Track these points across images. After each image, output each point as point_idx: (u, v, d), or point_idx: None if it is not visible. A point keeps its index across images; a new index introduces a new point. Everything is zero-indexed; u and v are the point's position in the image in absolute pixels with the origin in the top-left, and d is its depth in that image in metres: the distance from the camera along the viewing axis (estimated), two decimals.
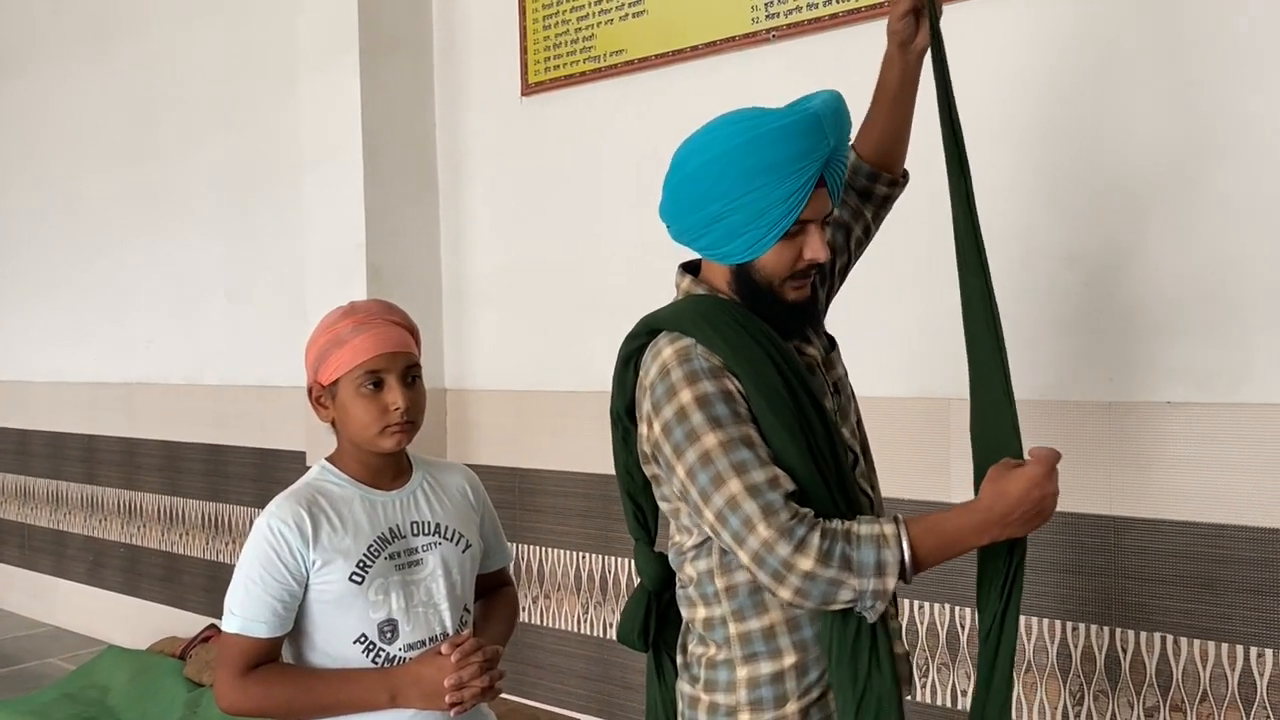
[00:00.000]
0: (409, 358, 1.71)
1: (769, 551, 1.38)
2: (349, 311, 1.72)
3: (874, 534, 1.40)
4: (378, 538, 1.69)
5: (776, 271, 1.51)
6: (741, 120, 1.51)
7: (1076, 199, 2.41)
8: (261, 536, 1.64)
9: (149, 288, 4.93)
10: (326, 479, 1.73)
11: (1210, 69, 2.24)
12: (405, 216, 3.65)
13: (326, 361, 1.68)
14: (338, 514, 1.67)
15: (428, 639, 1.69)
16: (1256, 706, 2.20)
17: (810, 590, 1.39)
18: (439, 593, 1.72)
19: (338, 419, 1.71)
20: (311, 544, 1.63)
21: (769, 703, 1.50)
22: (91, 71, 5.22)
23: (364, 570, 1.65)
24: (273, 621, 1.62)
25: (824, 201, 1.51)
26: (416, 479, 1.79)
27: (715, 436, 1.42)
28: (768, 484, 1.40)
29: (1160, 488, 2.30)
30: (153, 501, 4.94)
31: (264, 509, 1.68)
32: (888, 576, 1.39)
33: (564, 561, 3.41)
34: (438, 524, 1.76)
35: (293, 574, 1.63)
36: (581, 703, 3.35)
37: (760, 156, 1.46)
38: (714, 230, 1.51)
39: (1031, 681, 2.49)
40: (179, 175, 4.74)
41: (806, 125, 1.47)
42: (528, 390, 3.49)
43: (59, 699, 3.85)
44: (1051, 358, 2.45)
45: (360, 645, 1.66)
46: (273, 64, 4.21)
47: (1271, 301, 2.18)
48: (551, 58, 3.37)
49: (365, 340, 1.66)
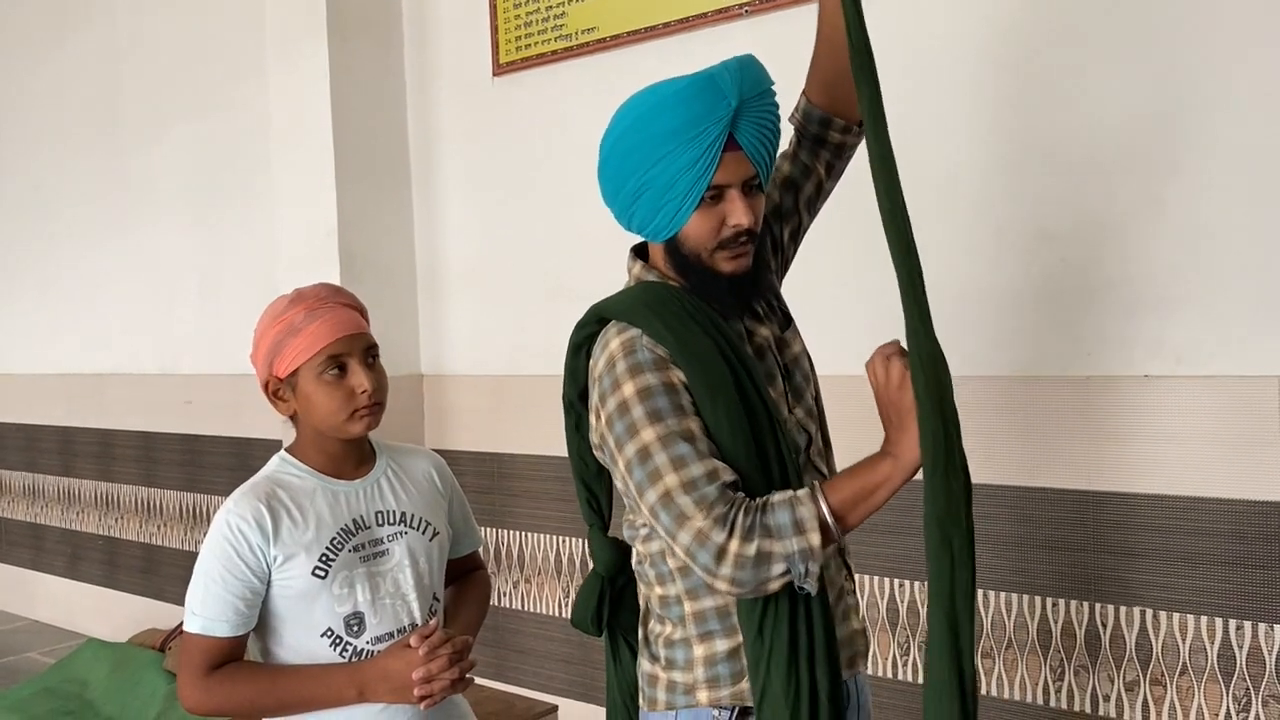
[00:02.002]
0: (367, 338, 1.68)
1: (703, 542, 1.38)
2: (296, 299, 1.66)
3: (786, 497, 1.39)
4: (341, 529, 1.64)
5: (702, 242, 1.49)
6: (642, 93, 1.50)
7: (1050, 174, 2.40)
8: (220, 534, 1.60)
9: (120, 277, 4.88)
10: (286, 471, 1.68)
11: (1184, 41, 2.22)
12: (377, 201, 3.61)
13: (282, 352, 1.63)
14: (298, 507, 1.63)
15: (395, 630, 1.66)
16: (1236, 679, 2.21)
17: (743, 574, 1.37)
18: (406, 583, 1.68)
19: (300, 410, 1.66)
20: (272, 540, 1.59)
21: (725, 680, 1.50)
22: (55, 58, 5.14)
23: (327, 564, 1.62)
24: (235, 620, 1.59)
25: (740, 164, 1.47)
26: (380, 467, 1.75)
27: (654, 430, 1.42)
28: (705, 477, 1.40)
29: (1138, 461, 2.30)
30: (130, 493, 4.90)
31: (223, 505, 1.63)
32: (809, 532, 1.36)
33: (543, 546, 3.40)
34: (403, 513, 1.72)
35: (254, 571, 1.59)
36: (562, 687, 3.34)
37: (658, 125, 1.45)
38: (638, 209, 1.51)
39: (1012, 658, 2.49)
40: (147, 163, 4.68)
41: (700, 86, 1.44)
42: (504, 375, 3.47)
43: (38, 693, 3.81)
44: (1028, 333, 2.44)
45: (327, 639, 1.62)
46: (240, 49, 4.15)
47: (1246, 274, 2.18)
48: (523, 37, 3.33)
49: (321, 326, 1.62)
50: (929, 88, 2.55)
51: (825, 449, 1.65)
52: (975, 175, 2.50)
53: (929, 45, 2.55)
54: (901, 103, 2.57)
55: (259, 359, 1.67)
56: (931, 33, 2.54)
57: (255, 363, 1.68)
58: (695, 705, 1.52)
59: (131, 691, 3.72)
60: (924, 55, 2.55)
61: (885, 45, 2.61)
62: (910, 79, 2.57)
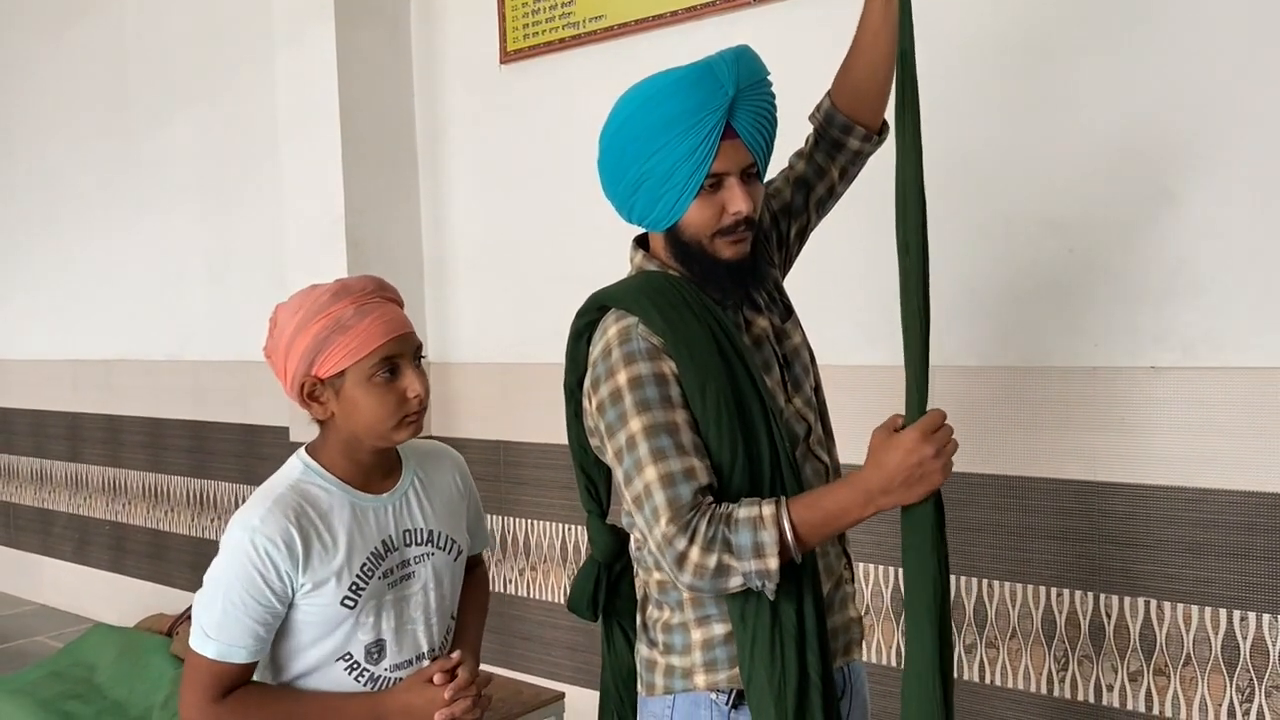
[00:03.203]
0: (416, 338, 1.55)
1: (668, 545, 1.40)
2: (341, 291, 1.49)
3: (751, 516, 1.39)
4: (371, 554, 1.53)
5: (702, 229, 1.50)
6: (639, 85, 1.51)
7: (1059, 164, 2.39)
8: (245, 554, 1.45)
9: (128, 263, 4.89)
10: (312, 481, 1.53)
11: (1195, 36, 2.21)
12: (385, 188, 3.61)
13: (328, 350, 1.46)
14: (328, 528, 1.50)
15: (415, 657, 1.60)
16: (1240, 669, 2.22)
17: (701, 583, 1.40)
18: (430, 607, 1.61)
19: (340, 413, 1.50)
20: (302, 566, 1.46)
21: (723, 663, 1.51)
22: (64, 45, 5.14)
23: (356, 594, 1.51)
24: (253, 646, 1.48)
25: (739, 152, 1.48)
26: (407, 477, 1.63)
27: (641, 420, 1.43)
28: (683, 474, 1.41)
29: (1144, 452, 2.30)
30: (137, 479, 4.92)
31: (243, 516, 1.48)
32: (767, 557, 1.37)
33: (549, 533, 3.41)
34: (430, 531, 1.62)
35: (278, 597, 1.47)
36: (568, 674, 3.35)
37: (656, 114, 1.46)
38: (639, 199, 1.52)
39: (1016, 647, 2.50)
40: (155, 149, 4.68)
41: (697, 75, 1.45)
42: (511, 363, 3.47)
43: (46, 677, 3.83)
44: (1035, 323, 2.44)
45: (344, 663, 1.54)
46: (247, 35, 4.15)
47: (1254, 266, 2.17)
48: (530, 24, 3.33)
49: (374, 324, 1.47)
50: (940, 78, 2.54)
51: (826, 439, 1.65)
52: (984, 165, 2.49)
53: (942, 37, 2.54)
54: None
55: (292, 356, 1.49)
56: (944, 24, 2.53)
57: (283, 359, 1.51)
58: (693, 689, 1.53)
59: (139, 675, 3.74)
60: (937, 47, 2.54)
61: None
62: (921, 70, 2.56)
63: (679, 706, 1.54)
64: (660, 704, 1.56)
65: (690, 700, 1.53)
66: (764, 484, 1.47)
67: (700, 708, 1.53)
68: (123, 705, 3.59)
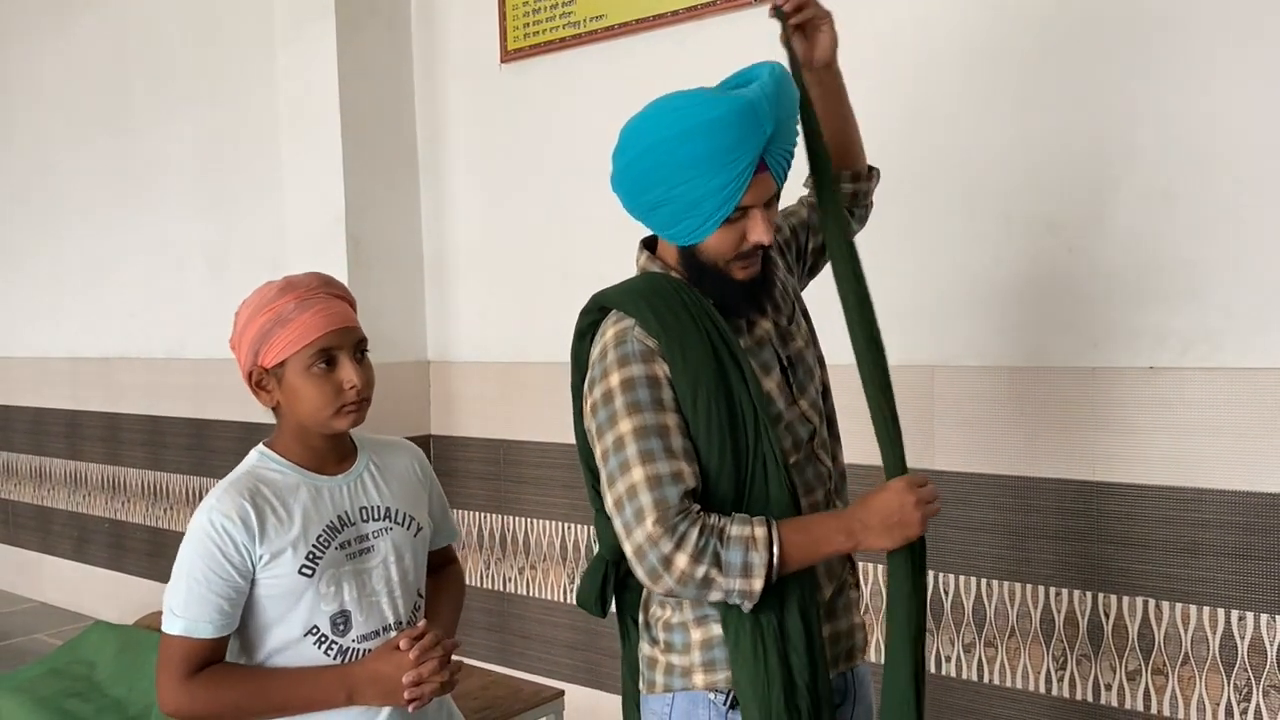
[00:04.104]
0: (357, 332, 1.61)
1: (651, 546, 1.41)
2: (287, 287, 1.59)
3: (744, 535, 1.41)
4: (326, 526, 1.59)
5: (721, 254, 1.51)
6: (676, 110, 1.48)
7: (1059, 164, 2.40)
8: (203, 532, 1.53)
9: (128, 261, 4.89)
10: (267, 466, 1.61)
11: (1194, 36, 2.22)
12: (385, 187, 3.61)
13: (270, 342, 1.56)
14: (283, 504, 1.57)
15: (381, 629, 1.62)
16: (1237, 669, 2.22)
17: (684, 590, 1.42)
18: (392, 580, 1.64)
19: (284, 402, 1.60)
20: (258, 538, 1.53)
21: (721, 664, 1.52)
22: (63, 41, 5.14)
23: (314, 562, 1.56)
24: (219, 621, 1.52)
25: (766, 185, 1.49)
26: (362, 461, 1.69)
27: (630, 422, 1.45)
28: (670, 477, 1.43)
29: (1142, 453, 2.31)
30: (136, 476, 4.92)
31: (203, 503, 1.56)
32: (754, 578, 1.40)
33: (548, 532, 3.41)
34: (387, 508, 1.67)
35: (238, 570, 1.53)
36: (567, 672, 3.36)
37: (692, 149, 1.44)
38: (657, 214, 1.52)
39: (1015, 646, 2.50)
40: (155, 146, 4.68)
41: (739, 115, 1.44)
42: (511, 362, 3.48)
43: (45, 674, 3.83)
44: (1034, 324, 2.45)
45: (312, 637, 1.58)
46: (248, 33, 4.15)
47: (1253, 266, 2.18)
48: (531, 24, 3.33)
49: (313, 317, 1.56)
50: (941, 80, 2.55)
51: (832, 441, 1.66)
52: (984, 165, 2.50)
53: (942, 37, 2.55)
54: (912, 93, 2.58)
55: (243, 347, 1.60)
56: (945, 25, 2.54)
57: (237, 349, 1.62)
58: (691, 688, 1.54)
59: (139, 673, 3.74)
60: (937, 47, 2.55)
61: (900, 36, 2.63)
62: (923, 71, 2.57)
63: (678, 705, 1.55)
64: (660, 702, 1.57)
65: (689, 699, 1.54)
66: (750, 490, 1.48)
67: (699, 706, 1.54)
68: (122, 703, 3.59)
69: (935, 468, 2.58)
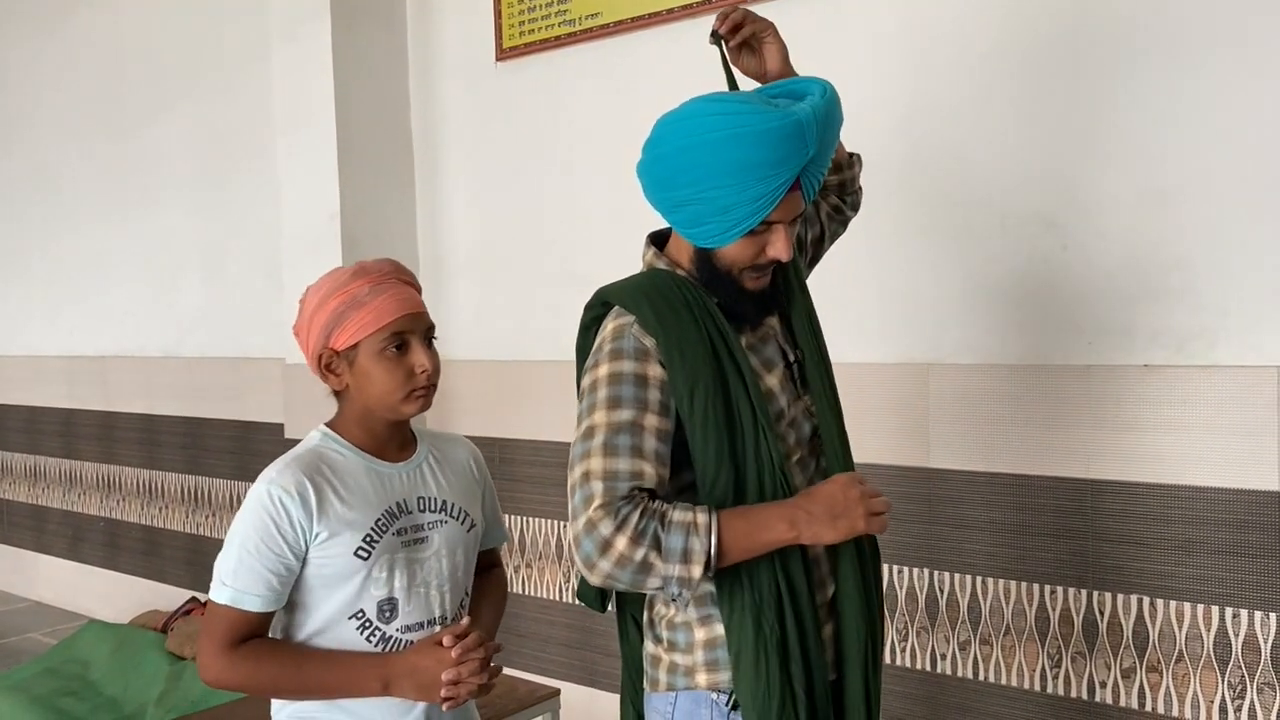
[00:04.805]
0: (428, 318, 1.63)
1: (591, 530, 1.40)
2: (360, 272, 1.59)
3: (685, 521, 1.40)
4: (386, 511, 1.59)
5: (737, 263, 1.51)
6: (726, 113, 1.46)
7: (1053, 163, 2.40)
8: (260, 504, 1.52)
9: (123, 259, 4.88)
10: (329, 447, 1.61)
11: (1189, 35, 2.22)
12: (380, 186, 3.61)
13: (344, 324, 1.56)
14: (344, 484, 1.57)
15: (426, 621, 1.61)
16: (1231, 666, 2.23)
17: (621, 573, 1.40)
18: (442, 573, 1.64)
19: (354, 385, 1.60)
20: (316, 515, 1.53)
21: (724, 664, 1.52)
22: (59, 40, 5.13)
23: (370, 545, 1.56)
24: (267, 596, 1.52)
25: (796, 204, 1.49)
26: (422, 452, 1.69)
27: (607, 415, 1.44)
28: (628, 474, 1.42)
29: (1138, 451, 2.31)
30: (131, 475, 4.92)
31: (264, 474, 1.56)
32: (693, 564, 1.39)
33: (545, 531, 3.41)
34: (444, 501, 1.67)
35: (291, 546, 1.53)
36: (564, 671, 3.36)
37: (734, 156, 1.43)
38: (681, 212, 1.51)
39: (1010, 644, 2.51)
40: (151, 146, 4.68)
41: (788, 133, 1.42)
42: (507, 360, 3.48)
43: (40, 674, 3.83)
44: (1031, 322, 2.45)
45: (356, 621, 1.57)
46: (244, 32, 4.15)
47: (1247, 265, 2.18)
48: (526, 22, 3.33)
49: (387, 301, 1.56)
50: (937, 78, 2.55)
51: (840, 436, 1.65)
52: (979, 163, 2.50)
53: (938, 36, 2.55)
54: (910, 92, 2.58)
55: (313, 330, 1.59)
56: (941, 25, 2.54)
57: (304, 333, 1.61)
58: (695, 688, 1.54)
59: (134, 672, 3.74)
60: (933, 47, 2.56)
61: (896, 36, 2.63)
62: (919, 70, 2.58)
63: (681, 704, 1.55)
64: (663, 700, 1.57)
65: (692, 698, 1.54)
66: (748, 489, 1.48)
67: (701, 706, 1.53)
68: (117, 701, 3.59)
69: (931, 465, 2.58)
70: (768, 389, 1.53)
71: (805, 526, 1.42)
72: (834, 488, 1.44)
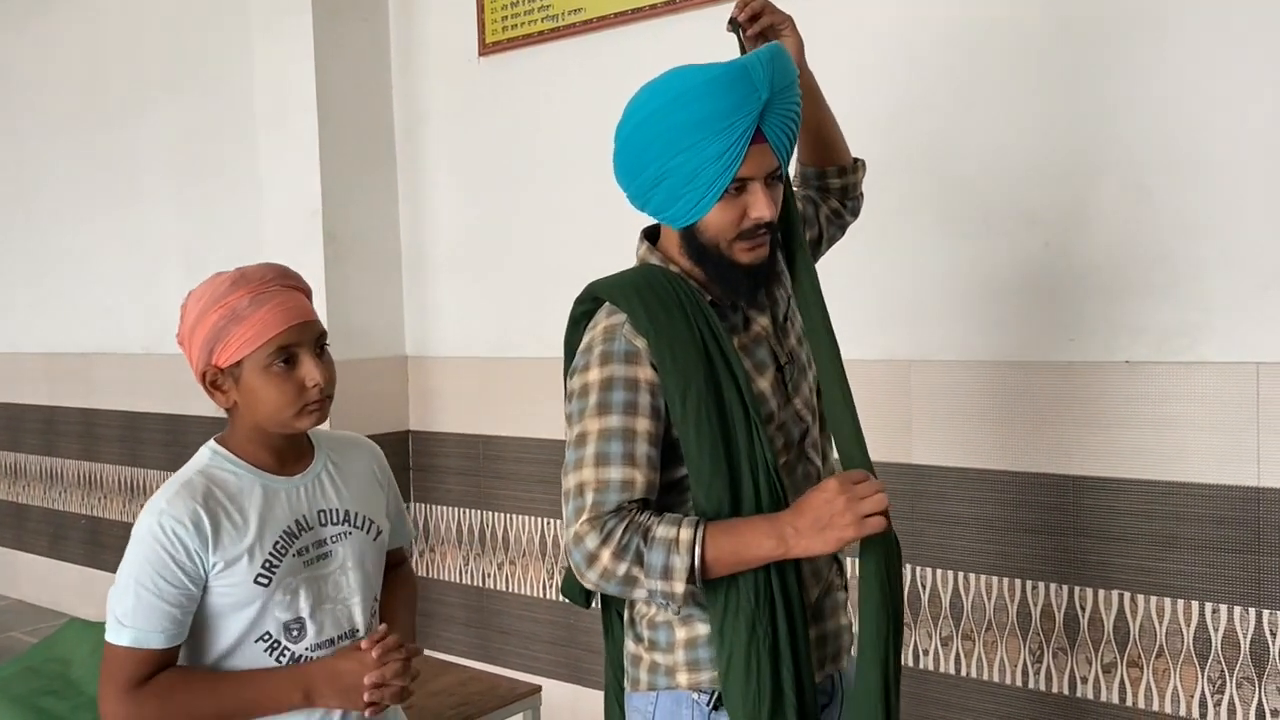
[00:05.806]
0: (317, 326, 1.52)
1: (579, 542, 1.42)
2: (239, 281, 1.49)
3: (668, 537, 1.39)
4: (284, 533, 1.51)
5: (722, 232, 1.48)
6: (668, 79, 1.46)
7: (1036, 160, 2.40)
8: (152, 537, 1.44)
9: (104, 255, 4.85)
10: (220, 466, 1.52)
11: (1174, 34, 2.23)
12: (362, 181, 3.59)
13: (225, 341, 1.47)
14: (238, 508, 1.48)
15: (337, 636, 1.55)
16: (1211, 661, 2.24)
17: (608, 586, 1.42)
18: (349, 586, 1.57)
19: (242, 403, 1.50)
20: (211, 545, 1.44)
21: (706, 663, 1.51)
22: (37, 34, 5.09)
23: (271, 571, 1.48)
24: (171, 630, 1.44)
25: (765, 157, 1.46)
26: (319, 461, 1.60)
27: (599, 422, 1.44)
28: (620, 484, 1.42)
29: (1119, 446, 2.32)
30: (113, 473, 4.88)
31: (150, 504, 1.47)
32: (675, 581, 1.38)
33: (528, 528, 3.41)
34: (346, 511, 1.59)
35: (190, 577, 1.44)
36: (547, 668, 3.35)
37: (686, 114, 1.42)
38: (657, 194, 1.49)
39: (991, 640, 2.51)
40: (131, 140, 4.64)
41: (732, 78, 1.41)
42: (490, 357, 3.47)
43: (20, 672, 3.79)
44: (1012, 318, 2.45)
45: (263, 644, 1.50)
46: (224, 26, 4.12)
47: (1229, 262, 2.19)
48: (509, 17, 3.32)
49: (270, 313, 1.47)
50: (918, 73, 2.55)
51: (823, 440, 1.65)
52: (962, 159, 2.50)
53: (923, 33, 2.55)
54: (895, 89, 2.58)
55: (194, 346, 1.50)
56: (926, 24, 2.54)
57: (187, 348, 1.52)
58: (675, 688, 1.53)
59: None
60: (918, 45, 2.55)
61: (883, 31, 2.62)
62: (903, 68, 2.57)
63: (661, 704, 1.54)
64: (644, 700, 1.56)
65: (673, 698, 1.53)
66: (742, 492, 1.46)
67: (682, 706, 1.52)
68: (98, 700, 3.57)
69: (913, 462, 2.58)
70: (759, 391, 1.51)
71: (794, 541, 1.39)
72: (820, 497, 1.39)
